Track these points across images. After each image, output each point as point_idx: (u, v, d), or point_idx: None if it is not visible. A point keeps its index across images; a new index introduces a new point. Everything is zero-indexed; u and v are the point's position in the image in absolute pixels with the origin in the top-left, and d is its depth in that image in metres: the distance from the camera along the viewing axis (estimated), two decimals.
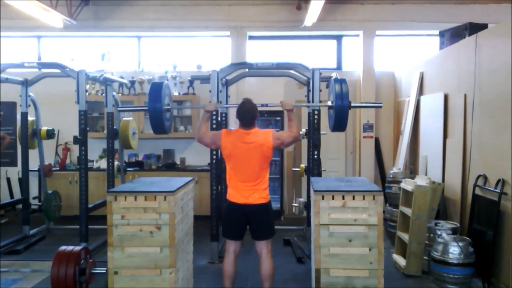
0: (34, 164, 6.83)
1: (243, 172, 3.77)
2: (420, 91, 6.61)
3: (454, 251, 4.31)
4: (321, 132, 5.42)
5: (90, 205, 5.74)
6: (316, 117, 5.34)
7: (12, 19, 7.40)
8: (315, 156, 5.40)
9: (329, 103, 4.46)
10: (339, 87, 4.25)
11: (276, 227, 4.00)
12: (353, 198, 3.42)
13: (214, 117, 5.29)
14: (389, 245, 5.56)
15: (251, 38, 8.12)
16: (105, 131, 6.41)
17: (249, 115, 3.80)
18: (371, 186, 3.74)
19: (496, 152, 4.48)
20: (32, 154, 6.60)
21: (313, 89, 5.21)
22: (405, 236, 4.91)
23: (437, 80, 6.10)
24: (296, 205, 6.55)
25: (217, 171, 5.38)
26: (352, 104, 4.29)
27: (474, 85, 4.92)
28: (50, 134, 6.65)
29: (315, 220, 3.46)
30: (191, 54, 8.20)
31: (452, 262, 4.29)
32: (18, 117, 6.43)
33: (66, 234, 6.59)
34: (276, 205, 7.37)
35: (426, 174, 5.92)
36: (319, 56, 8.27)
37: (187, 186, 3.98)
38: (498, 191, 4.23)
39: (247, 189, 3.76)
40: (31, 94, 6.34)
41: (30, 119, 6.46)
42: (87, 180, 5.56)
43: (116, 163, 6.62)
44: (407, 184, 5.06)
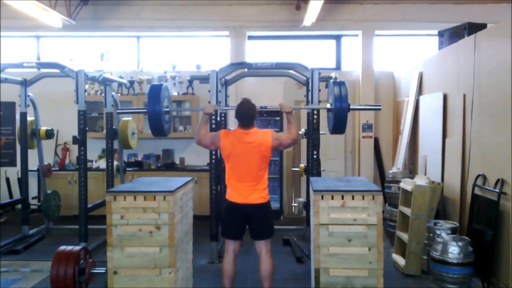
0: (33, 164, 6.84)
1: (242, 172, 3.77)
2: (419, 91, 6.62)
3: (454, 251, 4.31)
4: (320, 132, 5.43)
5: (90, 205, 5.73)
6: (315, 117, 5.34)
7: (11, 19, 7.39)
8: (315, 156, 5.40)
9: (328, 105, 4.45)
10: (338, 90, 4.24)
11: (275, 227, 4.00)
12: (353, 198, 3.42)
13: (213, 117, 5.30)
14: (388, 245, 5.56)
15: (250, 38, 8.12)
16: (104, 131, 6.41)
17: (248, 115, 3.80)
18: (370, 186, 3.74)
19: (495, 152, 4.48)
20: (31, 154, 6.60)
21: (312, 89, 5.22)
22: (404, 236, 4.91)
23: (436, 80, 6.10)
24: (295, 205, 6.55)
25: (216, 171, 5.38)
26: (351, 107, 4.28)
27: (473, 85, 4.92)
28: (49, 134, 6.65)
29: (314, 220, 3.46)
30: (190, 54, 8.20)
31: (452, 262, 4.30)
32: (17, 117, 6.43)
33: (66, 234, 6.59)
34: (275, 205, 7.36)
35: (425, 174, 5.92)
36: (318, 56, 8.27)
37: (187, 186, 3.98)
38: (498, 190, 4.24)
39: (246, 189, 3.76)
40: (30, 94, 6.34)
41: (29, 119, 6.46)
42: (86, 180, 5.56)
43: (115, 163, 6.61)
44: (407, 184, 5.06)
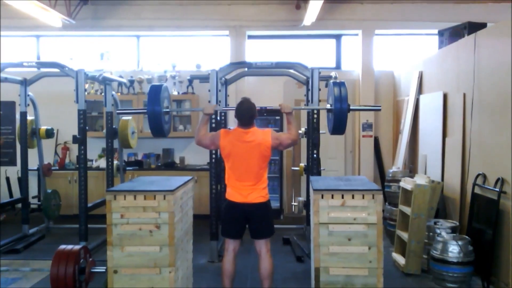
0: (33, 163, 6.84)
1: (242, 171, 3.77)
2: (419, 90, 6.62)
3: (454, 250, 4.31)
4: (320, 131, 5.44)
5: (90, 204, 5.74)
6: (315, 116, 5.34)
7: (11, 19, 7.39)
8: (315, 155, 5.41)
9: (328, 106, 4.45)
10: (338, 90, 4.23)
11: (275, 226, 4.00)
12: (353, 197, 3.43)
13: (213, 116, 5.29)
14: (388, 244, 5.57)
15: (250, 37, 8.12)
16: (104, 131, 6.41)
17: (247, 114, 3.80)
18: (370, 185, 3.74)
19: (495, 151, 4.48)
20: (32, 154, 6.60)
21: (312, 88, 5.22)
22: (404, 235, 4.91)
23: (436, 79, 6.10)
24: (295, 204, 6.55)
25: (216, 170, 5.39)
26: (351, 107, 4.27)
27: (473, 84, 4.92)
28: (49, 134, 6.65)
29: (314, 219, 3.46)
30: (190, 53, 8.20)
31: (452, 261, 4.30)
32: (17, 116, 6.43)
33: (66, 233, 6.59)
34: (275, 204, 7.36)
35: (425, 173, 5.92)
36: (318, 55, 8.27)
37: (187, 185, 3.98)
38: (498, 190, 4.24)
39: (246, 188, 3.76)
40: (30, 93, 6.34)
41: (29, 118, 6.46)
42: (86, 179, 5.56)
43: (115, 162, 6.62)
44: (407, 183, 5.06)
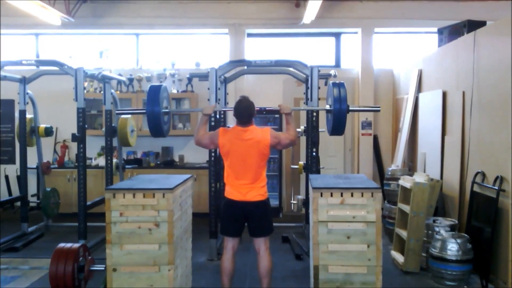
0: (32, 161, 6.84)
1: (240, 169, 3.77)
2: (419, 88, 6.62)
3: (452, 248, 4.32)
4: (319, 130, 5.44)
5: (89, 203, 5.73)
6: (314, 114, 5.34)
7: (10, 17, 7.37)
8: (314, 153, 5.41)
9: (327, 107, 4.45)
10: (337, 91, 4.23)
11: (274, 224, 4.00)
12: (352, 195, 3.43)
13: (212, 115, 5.29)
14: (387, 242, 5.57)
15: (249, 35, 8.11)
16: (104, 129, 6.41)
17: (246, 112, 3.81)
18: (369, 183, 3.74)
19: (494, 149, 4.48)
20: (31, 152, 6.59)
21: (311, 86, 5.22)
22: (403, 233, 4.92)
23: (436, 78, 6.10)
24: (294, 202, 6.55)
25: (215, 168, 5.39)
26: (350, 108, 4.27)
27: (472, 83, 4.92)
28: (49, 132, 6.65)
29: (313, 217, 3.47)
30: (190, 51, 8.19)
31: (450, 259, 4.30)
32: (17, 114, 6.42)
33: (65, 231, 6.60)
34: (274, 202, 7.37)
35: (424, 171, 5.92)
36: (317, 53, 8.26)
37: (186, 183, 3.99)
38: (496, 188, 4.24)
39: (245, 186, 3.76)
40: (29, 91, 6.34)
41: (28, 116, 6.46)
42: (85, 177, 5.56)
43: (114, 160, 6.61)
44: (406, 181, 5.06)
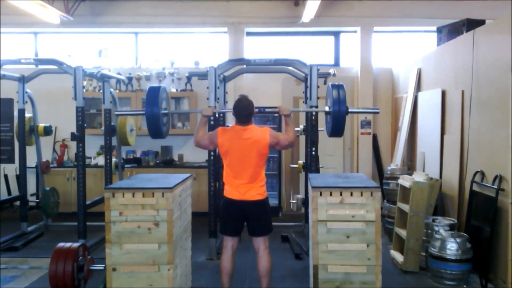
0: (31, 161, 6.83)
1: (239, 169, 3.77)
2: (418, 87, 6.62)
3: (452, 247, 4.32)
4: (319, 129, 5.44)
5: (88, 202, 5.74)
6: (314, 114, 5.34)
7: (9, 15, 7.36)
8: (313, 153, 5.41)
9: (327, 108, 4.46)
10: (337, 93, 4.24)
11: (274, 223, 4.00)
12: (351, 195, 3.43)
13: (212, 115, 5.27)
14: (386, 241, 5.57)
15: (248, 34, 8.10)
16: (103, 128, 6.40)
17: (245, 111, 3.80)
18: (368, 182, 3.74)
19: (493, 149, 4.48)
20: (30, 151, 6.59)
21: (310, 85, 5.22)
22: (402, 232, 4.92)
23: (435, 77, 6.10)
24: (294, 201, 6.54)
25: (215, 167, 5.38)
26: (350, 110, 4.29)
27: (471, 81, 4.92)
28: (48, 131, 6.65)
29: (313, 217, 3.47)
30: (189, 50, 8.18)
31: (450, 258, 4.30)
32: (16, 113, 6.41)
33: (64, 231, 6.59)
34: (274, 202, 7.37)
35: (423, 171, 5.93)
36: (317, 52, 8.26)
37: (185, 182, 3.98)
38: (496, 187, 4.24)
39: (244, 185, 3.76)
40: (28, 90, 6.33)
41: (27, 115, 6.45)
42: (84, 176, 5.55)
43: (113, 159, 6.60)
44: (405, 181, 5.06)
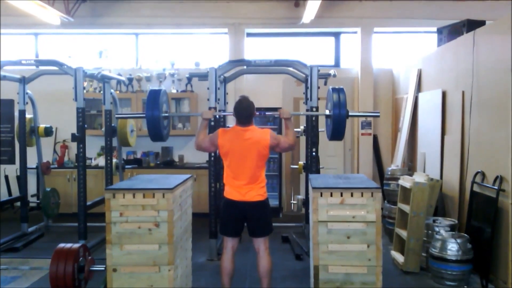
0: (32, 161, 6.83)
1: (240, 169, 3.77)
2: (418, 88, 6.62)
3: (452, 248, 4.32)
4: (319, 130, 5.44)
5: (89, 203, 5.73)
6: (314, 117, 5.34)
7: (9, 16, 7.36)
8: (314, 153, 5.41)
9: (327, 111, 4.46)
10: (337, 96, 4.24)
11: (274, 224, 4.01)
12: (352, 195, 3.43)
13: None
14: (387, 242, 5.57)
15: (249, 35, 8.11)
16: (103, 129, 6.41)
17: (246, 112, 3.81)
18: (369, 183, 3.74)
19: (494, 149, 4.48)
20: (30, 152, 6.59)
21: (311, 86, 5.23)
22: (403, 233, 4.92)
23: (435, 77, 6.10)
24: (294, 202, 6.56)
25: (215, 168, 5.39)
26: (350, 113, 4.29)
27: (472, 82, 4.92)
28: (48, 132, 6.65)
29: (313, 217, 3.47)
30: (189, 51, 8.19)
31: (450, 259, 4.30)
32: (16, 114, 6.42)
33: (65, 231, 6.60)
34: (274, 202, 7.37)
35: (424, 171, 5.92)
36: (317, 53, 8.26)
37: (186, 183, 3.99)
38: (496, 188, 4.24)
39: (244, 186, 3.76)
40: (28, 91, 6.33)
41: (28, 116, 6.46)
42: (85, 177, 5.55)
43: (114, 160, 6.61)
44: (405, 181, 5.06)
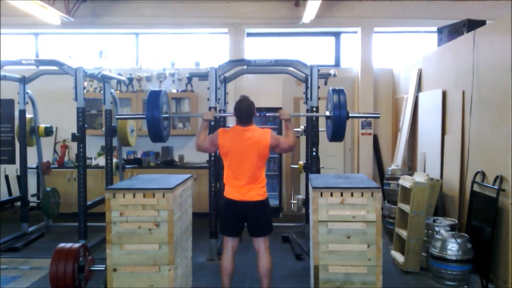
0: (32, 161, 6.84)
1: (240, 169, 3.77)
2: (418, 88, 6.62)
3: (452, 248, 4.32)
4: (319, 129, 5.43)
5: (89, 202, 5.73)
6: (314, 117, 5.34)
7: (10, 16, 7.37)
8: (314, 153, 5.41)
9: (327, 113, 4.46)
10: (337, 97, 4.24)
11: (274, 224, 4.01)
12: (352, 195, 3.43)
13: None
14: (387, 242, 5.57)
15: (249, 35, 8.11)
16: (103, 129, 6.41)
17: (246, 112, 3.81)
18: (369, 183, 3.74)
19: (494, 149, 4.48)
20: (30, 152, 6.59)
21: (311, 86, 5.23)
22: (403, 233, 4.92)
23: (435, 77, 6.10)
24: (294, 202, 6.55)
25: (215, 168, 5.39)
26: (350, 114, 4.29)
27: (472, 82, 4.92)
28: (48, 132, 6.65)
29: (313, 217, 3.47)
30: (189, 51, 8.19)
31: (450, 259, 4.30)
32: (16, 114, 6.42)
33: (65, 231, 6.60)
34: (274, 202, 7.37)
35: (424, 171, 5.93)
36: (317, 53, 8.26)
37: (186, 183, 3.99)
38: (496, 187, 4.24)
39: (244, 186, 3.76)
40: (29, 91, 6.34)
41: (28, 116, 6.46)
42: (85, 177, 5.55)
43: (114, 160, 6.61)
44: (406, 181, 5.06)
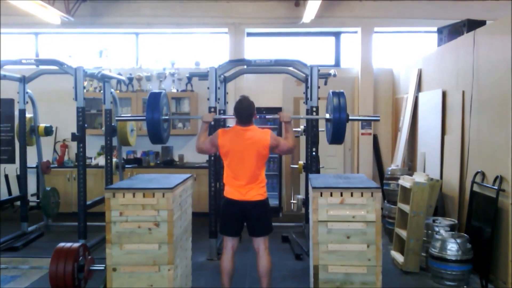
0: (32, 161, 6.83)
1: (240, 169, 3.77)
2: (418, 88, 6.62)
3: (452, 248, 4.32)
4: (319, 129, 5.44)
5: (89, 202, 5.74)
6: (314, 114, 5.34)
7: (10, 16, 7.37)
8: (314, 153, 5.41)
9: (327, 115, 4.47)
10: (337, 100, 4.24)
11: (274, 224, 4.01)
12: (351, 195, 3.43)
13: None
14: (387, 242, 5.57)
15: (249, 34, 8.11)
16: (103, 128, 6.41)
17: (246, 112, 3.81)
18: (369, 183, 3.74)
19: (494, 149, 4.48)
20: (30, 151, 6.59)
21: (311, 86, 5.23)
22: (403, 233, 4.92)
23: (435, 77, 6.10)
24: (294, 202, 6.55)
25: (215, 168, 5.39)
26: (350, 117, 4.30)
27: (472, 82, 4.92)
28: (48, 131, 6.65)
29: (313, 217, 3.47)
30: (189, 51, 8.19)
31: (450, 259, 4.30)
32: (16, 114, 6.42)
33: (65, 231, 6.60)
34: (274, 202, 7.37)
35: (424, 171, 5.93)
36: (317, 53, 8.26)
37: (186, 183, 3.99)
38: (496, 188, 4.24)
39: (244, 186, 3.76)
40: (29, 91, 6.33)
41: (28, 116, 6.46)
42: (85, 177, 5.55)
43: (114, 160, 6.61)
44: (405, 181, 5.06)
